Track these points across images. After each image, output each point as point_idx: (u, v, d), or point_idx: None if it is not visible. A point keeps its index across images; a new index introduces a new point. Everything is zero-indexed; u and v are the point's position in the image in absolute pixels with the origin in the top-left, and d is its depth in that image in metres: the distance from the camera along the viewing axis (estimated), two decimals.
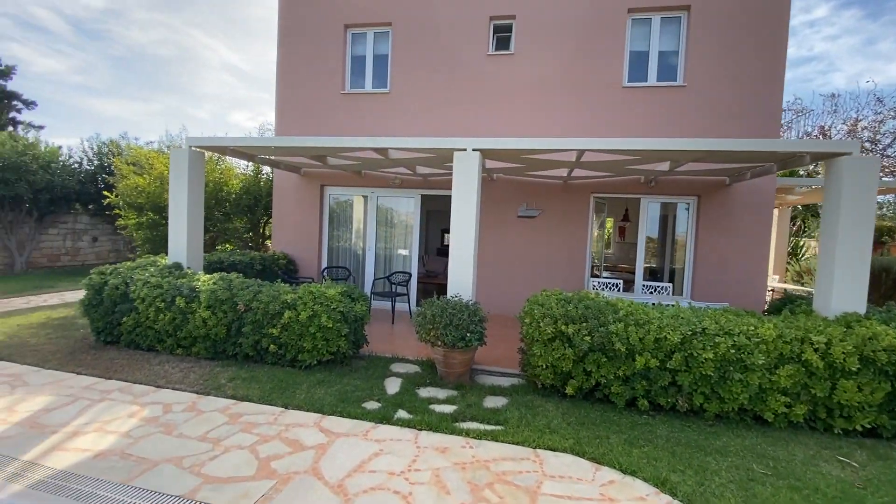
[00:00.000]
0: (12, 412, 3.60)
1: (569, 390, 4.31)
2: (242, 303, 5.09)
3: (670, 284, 7.39)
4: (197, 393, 4.20)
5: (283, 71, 9.25)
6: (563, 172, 7.51)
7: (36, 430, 3.31)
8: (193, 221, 6.26)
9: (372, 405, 4.06)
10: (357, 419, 3.77)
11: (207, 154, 11.20)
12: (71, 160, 13.82)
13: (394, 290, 7.86)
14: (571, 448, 3.43)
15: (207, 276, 5.65)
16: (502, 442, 3.49)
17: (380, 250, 9.18)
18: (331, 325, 4.82)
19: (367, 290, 8.93)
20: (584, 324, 4.21)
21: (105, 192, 11.21)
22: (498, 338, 6.27)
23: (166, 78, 47.19)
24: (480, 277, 7.93)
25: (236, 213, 11.10)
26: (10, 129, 22.40)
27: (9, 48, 33.45)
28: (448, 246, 15.60)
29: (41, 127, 25.35)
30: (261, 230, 12.35)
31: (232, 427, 3.54)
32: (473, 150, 5.24)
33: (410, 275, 8.20)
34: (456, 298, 4.87)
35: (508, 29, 8.35)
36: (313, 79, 9.08)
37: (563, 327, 4.24)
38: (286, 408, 3.95)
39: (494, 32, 8.42)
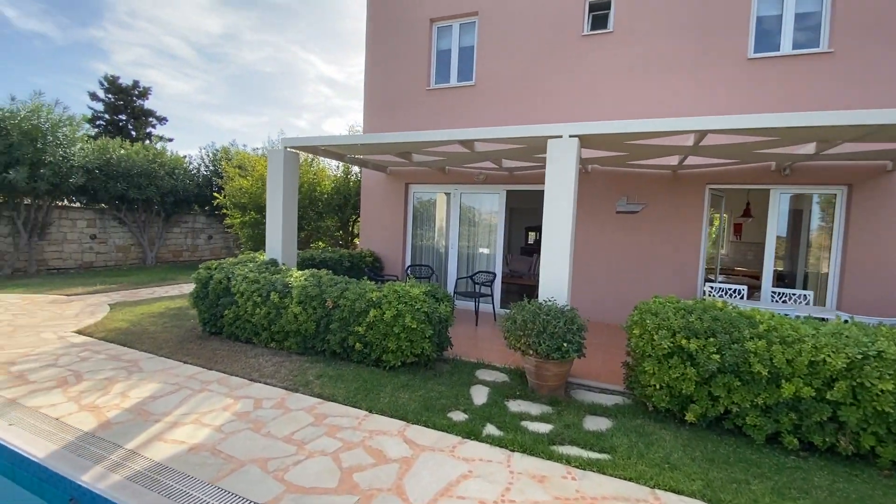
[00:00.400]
0: (125, 398, 3.85)
1: (689, 417, 3.62)
2: (330, 299, 5.08)
3: (810, 292, 6.13)
4: (286, 389, 4.21)
5: (370, 70, 9.36)
6: (674, 161, 6.59)
7: (141, 418, 3.48)
8: (288, 219, 6.48)
9: (458, 416, 3.74)
10: (443, 431, 3.47)
11: (303, 157, 11.81)
12: (191, 167, 15.52)
13: (478, 291, 7.52)
14: (701, 493, 2.79)
15: (300, 272, 5.77)
16: (611, 475, 2.95)
17: (462, 249, 8.91)
18: (415, 326, 4.60)
19: (450, 289, 8.71)
20: (712, 339, 3.49)
21: (215, 194, 12.33)
22: (594, 347, 5.64)
23: (272, 92, 52.37)
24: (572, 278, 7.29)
25: (328, 212, 11.57)
26: (147, 141, 25.98)
27: (147, 74, 39.55)
28: (533, 245, 14.98)
29: (171, 139, 29.24)
30: (350, 228, 12.78)
31: (317, 429, 3.43)
32: (570, 136, 4.69)
33: (495, 275, 7.80)
34: (549, 303, 4.38)
35: (606, 6, 7.57)
36: (399, 76, 9.07)
37: (683, 342, 3.55)
38: (370, 412, 3.78)
39: (590, 11, 7.69)
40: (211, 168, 15.94)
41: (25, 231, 11.43)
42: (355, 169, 12.27)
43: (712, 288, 6.48)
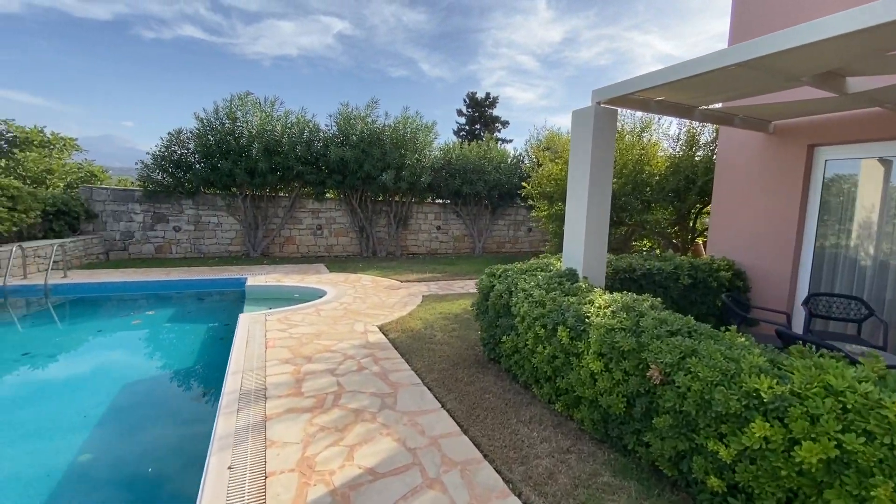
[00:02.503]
0: (347, 461, 2.79)
1: None
2: (657, 367, 2.64)
3: None
4: None
5: None
6: None
7: None
8: (595, 210, 4.35)
9: None
10: None
11: (628, 126, 9.29)
12: (516, 161, 15.58)
13: None
14: None
15: (607, 297, 3.55)
16: None
17: None
18: None
19: None
20: None
21: (523, 184, 11.45)
22: None
23: (605, 83, 52.22)
24: None
25: (659, 199, 8.61)
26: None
27: (504, 91, 47.05)
28: None
29: (510, 140, 32.45)
30: (691, 223, 9.33)
31: None
32: None
33: None
34: None
35: None
36: None
37: None
38: None
39: None
40: (534, 160, 15.60)
41: (393, 222, 14.05)
42: (704, 137, 8.69)
43: None
